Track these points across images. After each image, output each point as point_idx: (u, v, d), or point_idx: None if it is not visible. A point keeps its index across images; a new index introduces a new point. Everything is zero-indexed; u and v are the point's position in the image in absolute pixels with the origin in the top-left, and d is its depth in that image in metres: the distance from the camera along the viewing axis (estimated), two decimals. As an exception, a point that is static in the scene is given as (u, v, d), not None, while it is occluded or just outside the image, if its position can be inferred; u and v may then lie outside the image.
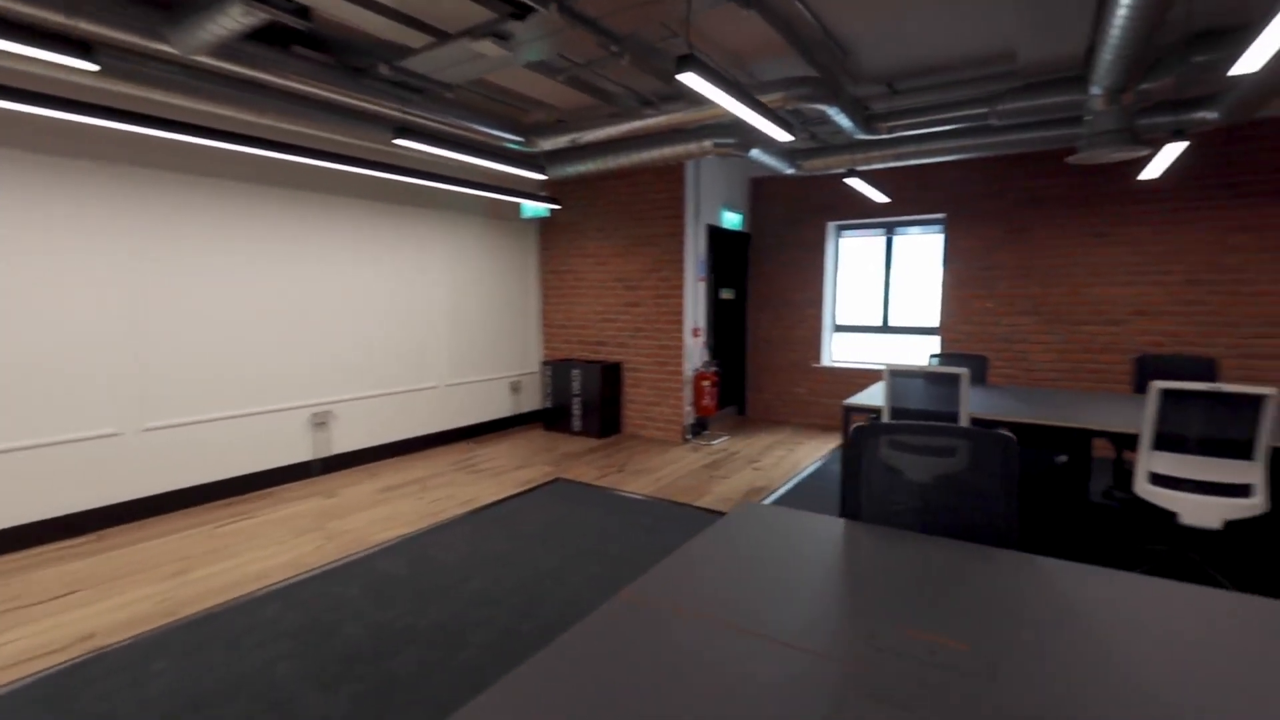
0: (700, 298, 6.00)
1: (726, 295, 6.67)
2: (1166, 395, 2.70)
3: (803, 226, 6.47)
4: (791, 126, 3.36)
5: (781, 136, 3.30)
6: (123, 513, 3.73)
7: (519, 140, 4.56)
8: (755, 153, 4.72)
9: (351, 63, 3.52)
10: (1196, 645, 1.10)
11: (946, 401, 3.29)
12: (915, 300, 6.22)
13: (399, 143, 3.66)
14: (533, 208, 6.27)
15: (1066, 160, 3.50)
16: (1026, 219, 5.30)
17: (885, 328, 6.37)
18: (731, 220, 6.39)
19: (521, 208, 6.34)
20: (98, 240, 3.57)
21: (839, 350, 6.68)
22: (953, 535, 1.65)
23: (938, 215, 5.80)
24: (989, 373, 5.40)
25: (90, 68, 2.45)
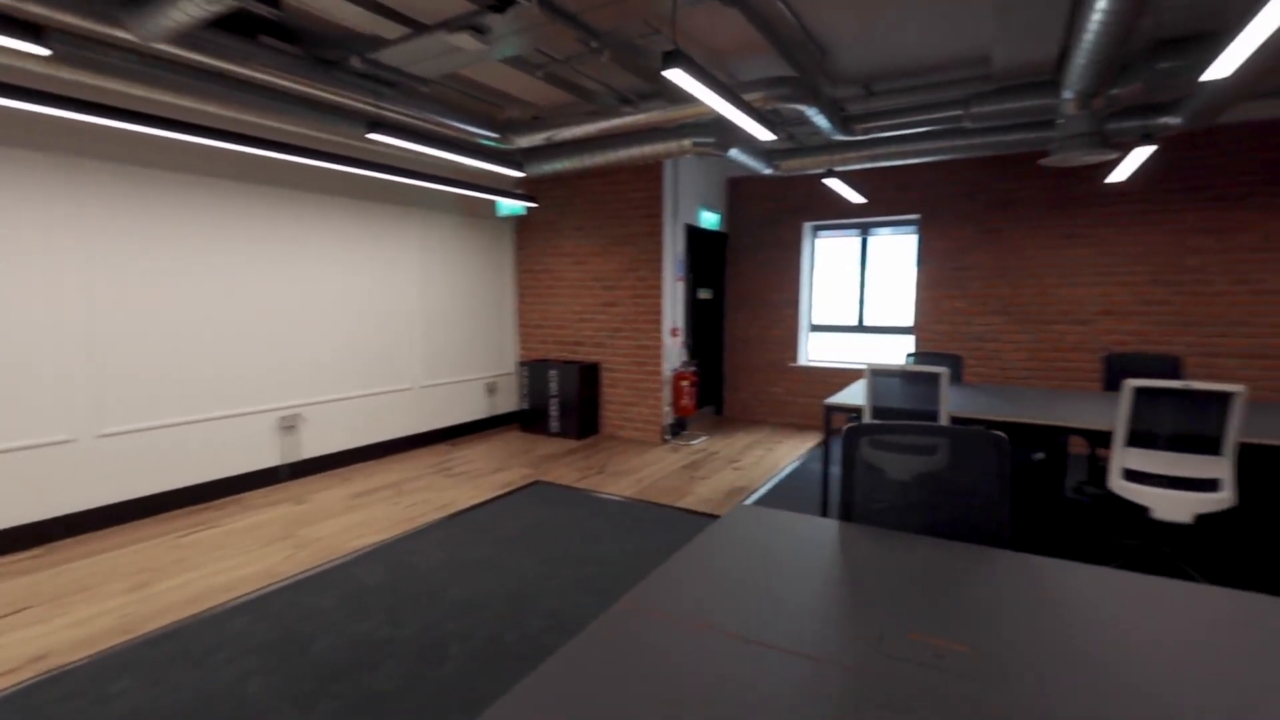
0: (679, 297, 5.98)
1: (704, 295, 6.67)
2: (1139, 393, 2.76)
3: (780, 227, 6.50)
4: (774, 126, 3.36)
5: (764, 135, 3.30)
6: (77, 523, 3.54)
7: (494, 137, 4.47)
8: (734, 152, 4.71)
9: (322, 55, 3.40)
10: (1199, 644, 1.10)
11: (926, 400, 3.32)
12: (890, 300, 6.30)
13: (373, 137, 3.55)
14: (509, 206, 6.18)
15: (1040, 162, 3.58)
16: (998, 220, 5.41)
17: (861, 327, 6.44)
18: (709, 220, 6.39)
19: (497, 205, 6.24)
20: (43, 236, 3.38)
21: (815, 350, 6.73)
22: (947, 535, 1.64)
23: (912, 216, 5.88)
24: (964, 372, 5.49)
25: (41, 52, 2.31)
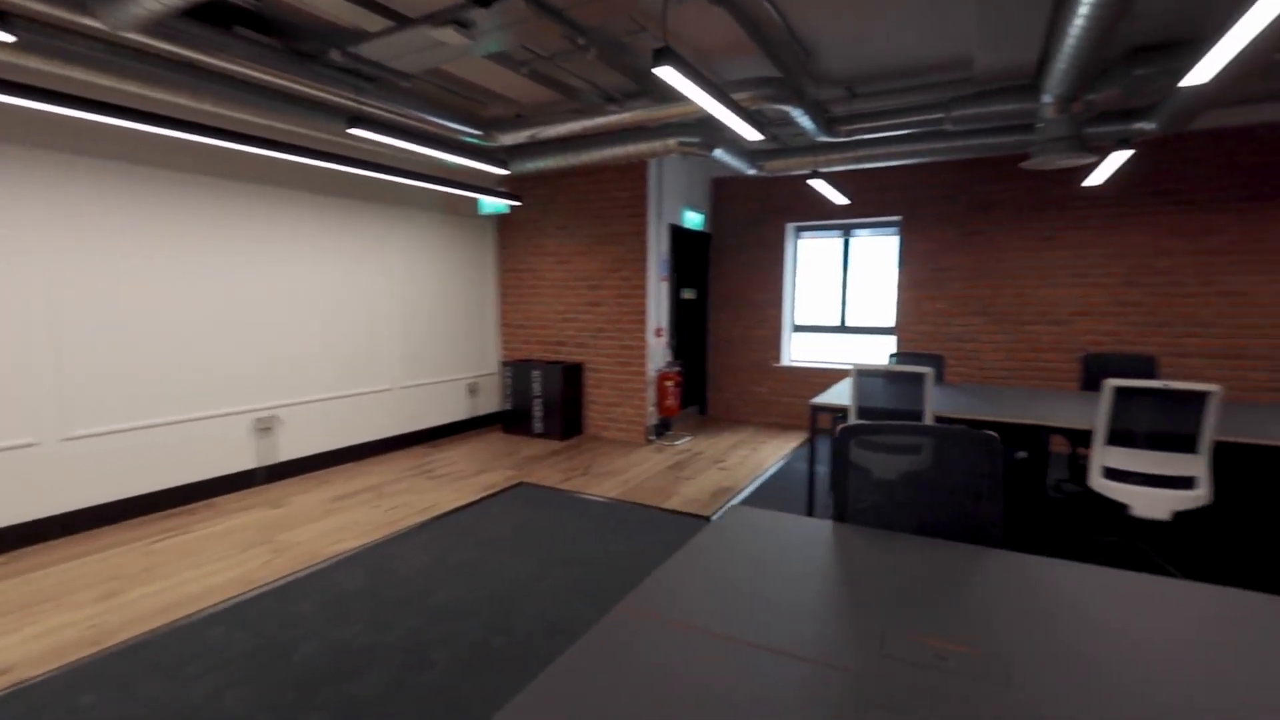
0: (663, 297, 5.96)
1: (688, 295, 6.66)
2: (1119, 393, 2.81)
3: (763, 227, 6.53)
4: (762, 126, 3.36)
5: (752, 135, 3.29)
6: (41, 530, 3.41)
7: (477, 134, 4.41)
8: (718, 152, 4.71)
9: (300, 47, 3.31)
10: (1195, 642, 1.11)
11: (911, 400, 3.34)
12: (871, 301, 6.36)
13: (354, 132, 3.47)
14: (491, 204, 6.10)
15: (1021, 165, 3.64)
16: (978, 222, 5.49)
17: (843, 328, 6.49)
18: (693, 220, 6.39)
19: (479, 203, 6.16)
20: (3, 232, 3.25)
21: (798, 350, 6.76)
22: (940, 535, 1.65)
23: (894, 218, 5.94)
24: (945, 372, 5.55)
25: (5, 39, 2.21)
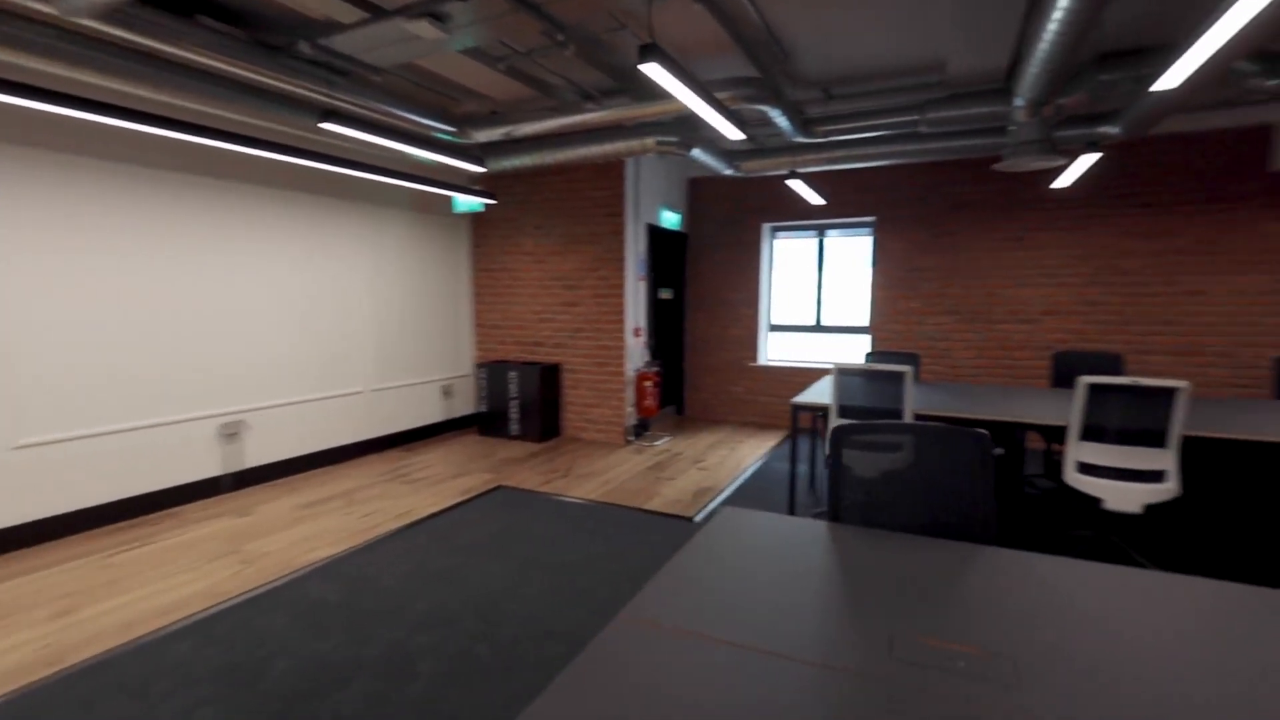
0: (641, 297, 5.93)
1: (665, 295, 6.65)
2: (1092, 389, 2.88)
3: (739, 227, 6.55)
4: (741, 126, 3.36)
5: (734, 135, 3.29)
6: (-11, 545, 3.23)
7: (450, 131, 4.32)
8: (696, 152, 4.70)
9: (267, 39, 3.19)
10: (1197, 635, 1.12)
11: (890, 399, 3.38)
12: (846, 300, 6.43)
13: (326, 127, 3.36)
14: (465, 202, 5.99)
15: (994, 167, 3.70)
16: (950, 223, 5.59)
17: (818, 327, 6.55)
18: (670, 220, 6.37)
19: (453, 202, 6.04)
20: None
21: (774, 349, 6.81)
22: (933, 534, 1.65)
23: (868, 218, 6.01)
24: (919, 370, 5.65)
25: (-55, 23, 2.07)
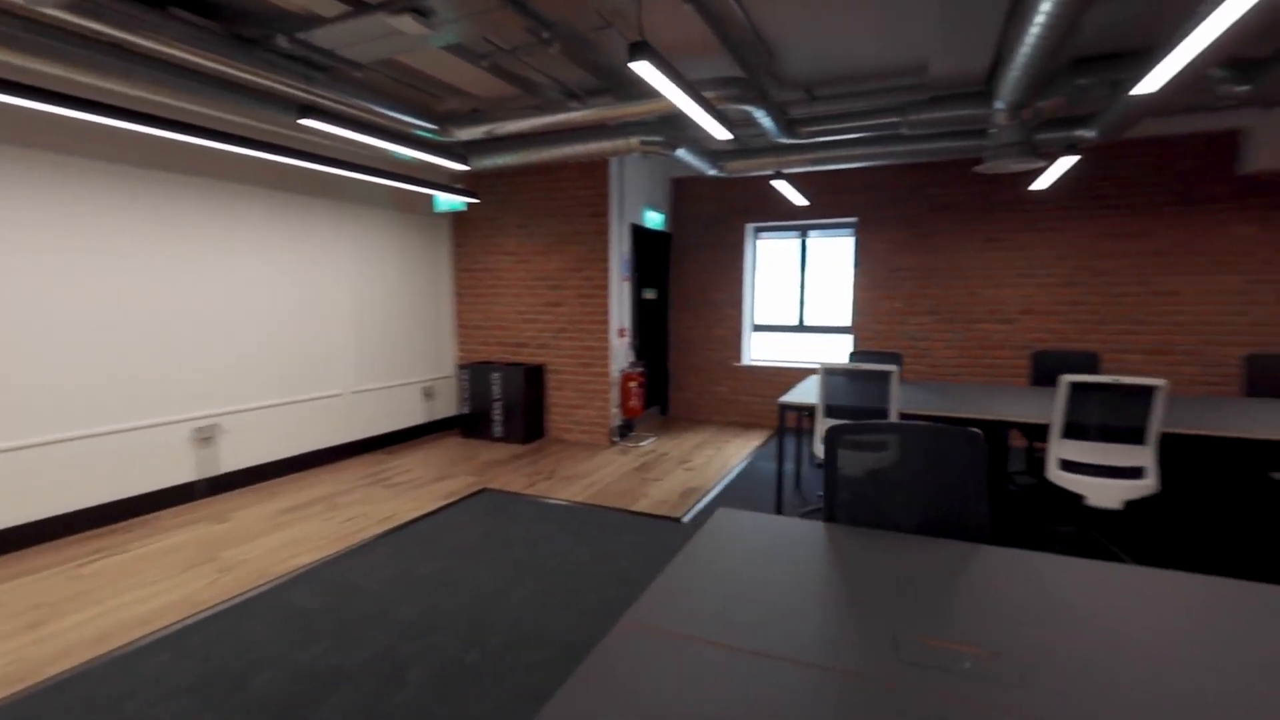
0: (625, 298, 5.91)
1: (649, 295, 6.63)
2: (1074, 388, 2.93)
3: (722, 227, 6.56)
4: (732, 125, 3.35)
5: (722, 134, 3.28)
6: (-50, 556, 3.09)
7: (432, 128, 4.25)
8: (681, 152, 4.69)
9: (244, 32, 3.11)
10: (1198, 632, 1.13)
11: (876, 398, 3.40)
12: (828, 300, 6.48)
13: (305, 123, 3.28)
14: (447, 201, 5.92)
15: (975, 169, 3.75)
16: (931, 224, 5.66)
17: (801, 327, 6.59)
18: (654, 220, 6.36)
19: (434, 201, 5.96)
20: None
21: (758, 349, 6.83)
22: (929, 533, 1.66)
23: (850, 219, 6.06)
24: (901, 369, 5.71)
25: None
